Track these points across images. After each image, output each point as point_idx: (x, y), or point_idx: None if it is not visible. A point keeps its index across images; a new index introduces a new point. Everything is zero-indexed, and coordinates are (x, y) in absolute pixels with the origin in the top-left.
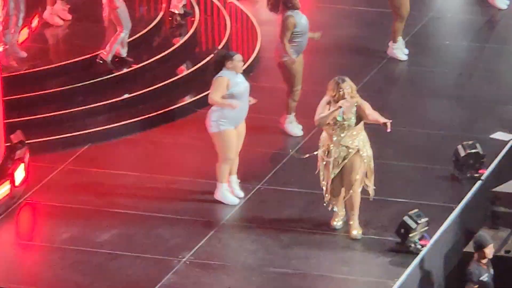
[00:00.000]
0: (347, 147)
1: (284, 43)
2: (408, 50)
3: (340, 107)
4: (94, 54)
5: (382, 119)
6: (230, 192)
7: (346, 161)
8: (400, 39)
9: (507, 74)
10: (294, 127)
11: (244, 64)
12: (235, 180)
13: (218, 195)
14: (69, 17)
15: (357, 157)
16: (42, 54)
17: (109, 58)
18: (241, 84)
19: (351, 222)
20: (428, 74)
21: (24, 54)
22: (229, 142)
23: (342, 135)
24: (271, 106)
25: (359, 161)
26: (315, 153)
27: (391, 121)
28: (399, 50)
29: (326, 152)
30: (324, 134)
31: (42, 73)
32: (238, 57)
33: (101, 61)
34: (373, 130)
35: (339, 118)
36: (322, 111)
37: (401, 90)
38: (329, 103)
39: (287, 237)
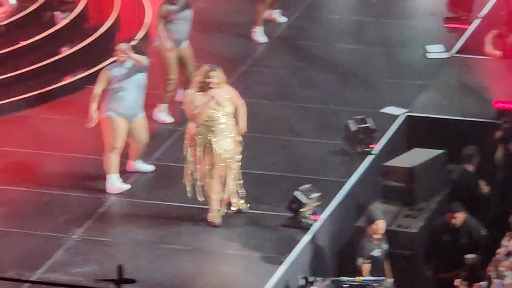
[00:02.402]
0: (228, 136)
1: (158, 29)
2: (302, 24)
3: (213, 96)
4: None
5: (241, 124)
6: (119, 181)
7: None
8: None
9: (399, 49)
10: (164, 116)
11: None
12: (139, 162)
13: (109, 188)
14: None
15: (236, 143)
16: None
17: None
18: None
19: (236, 199)
20: (320, 49)
21: None
22: (115, 130)
23: (222, 126)
24: (161, 82)
25: (238, 145)
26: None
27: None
28: (259, 33)
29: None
30: (194, 131)
31: None
32: (120, 46)
33: None
34: (262, 105)
35: (219, 108)
36: (193, 105)
37: (292, 66)
38: (196, 96)
39: (178, 213)
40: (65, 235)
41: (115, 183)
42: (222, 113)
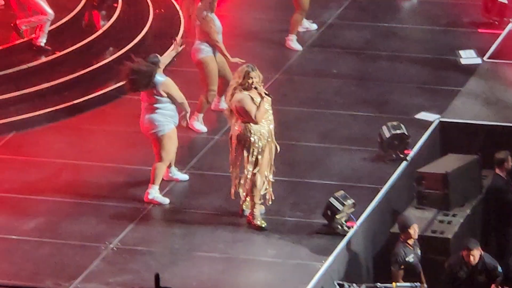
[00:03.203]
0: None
1: (218, 45)
2: (334, 32)
3: (264, 96)
4: (19, 41)
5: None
6: (159, 193)
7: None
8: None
9: (432, 55)
10: (199, 125)
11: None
12: (174, 169)
13: (149, 198)
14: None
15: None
16: None
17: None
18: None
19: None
20: (352, 56)
21: None
22: (172, 143)
23: (271, 117)
24: (194, 91)
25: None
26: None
27: None
28: (295, 42)
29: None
30: (251, 128)
31: None
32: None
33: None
34: (296, 113)
35: (269, 101)
36: (253, 107)
37: (325, 73)
38: (250, 96)
39: (214, 221)
40: (101, 244)
41: (156, 194)
42: (270, 105)
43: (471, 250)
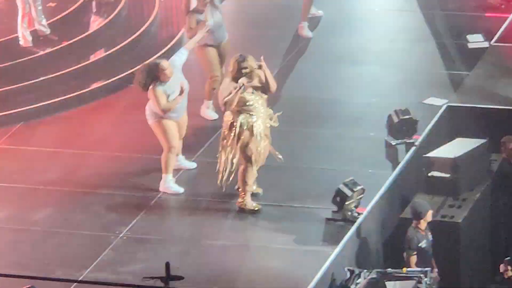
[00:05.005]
0: (268, 115)
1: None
2: (339, 18)
3: (241, 86)
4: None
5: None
6: (174, 182)
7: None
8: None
9: (439, 39)
10: (210, 112)
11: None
12: (182, 158)
13: (163, 187)
14: None
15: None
16: None
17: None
18: (176, 86)
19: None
20: (358, 42)
21: None
22: (169, 130)
23: (262, 108)
24: (204, 79)
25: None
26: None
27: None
28: (305, 29)
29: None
30: (231, 118)
31: None
32: (163, 66)
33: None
34: (304, 100)
35: (248, 96)
36: (226, 94)
37: (332, 60)
38: (230, 84)
39: (224, 209)
40: (111, 234)
41: (170, 184)
42: (257, 97)
43: None
